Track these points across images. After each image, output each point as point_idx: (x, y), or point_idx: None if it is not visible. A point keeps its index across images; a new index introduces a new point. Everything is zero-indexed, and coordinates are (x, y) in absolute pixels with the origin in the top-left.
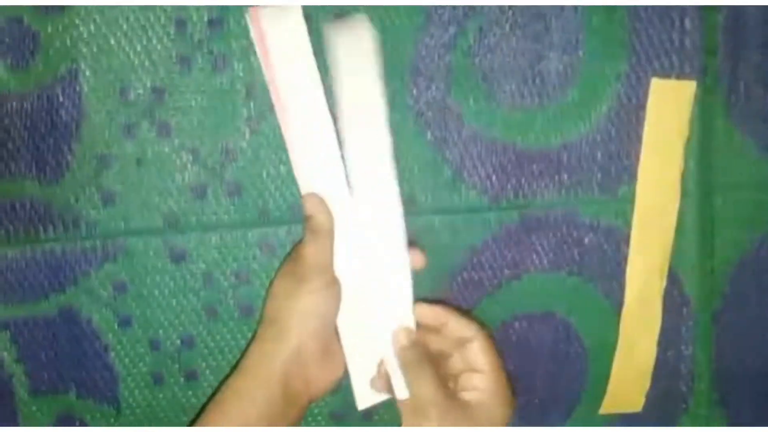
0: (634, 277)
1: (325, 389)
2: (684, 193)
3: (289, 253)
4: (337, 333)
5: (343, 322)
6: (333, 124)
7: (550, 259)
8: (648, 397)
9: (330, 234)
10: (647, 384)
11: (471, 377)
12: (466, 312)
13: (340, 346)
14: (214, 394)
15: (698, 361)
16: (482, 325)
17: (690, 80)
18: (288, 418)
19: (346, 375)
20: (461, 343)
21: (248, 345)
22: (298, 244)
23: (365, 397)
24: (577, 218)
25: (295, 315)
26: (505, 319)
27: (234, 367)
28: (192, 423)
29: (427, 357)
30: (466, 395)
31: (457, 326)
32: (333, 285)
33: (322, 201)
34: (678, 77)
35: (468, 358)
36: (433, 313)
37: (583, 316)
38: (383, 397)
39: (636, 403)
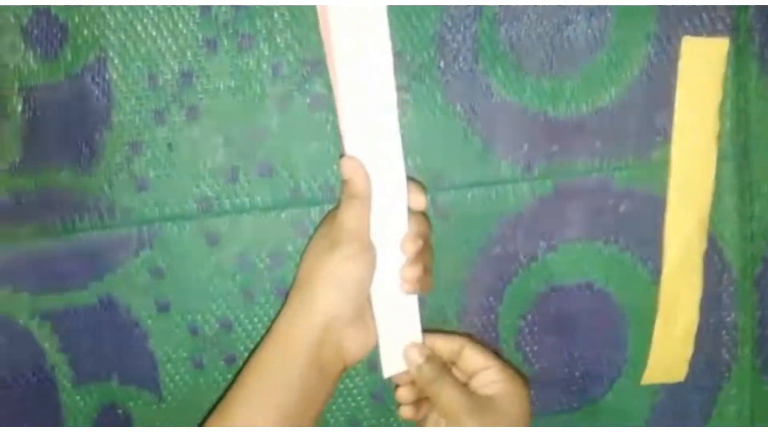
0: (673, 243)
1: (358, 357)
2: (721, 156)
3: (325, 217)
4: (370, 300)
5: (374, 288)
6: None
7: (586, 228)
8: (690, 365)
9: (367, 199)
10: (690, 352)
11: (483, 375)
12: (439, 330)
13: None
14: (245, 363)
15: (741, 328)
16: (460, 333)
17: (722, 38)
18: (321, 386)
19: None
20: (453, 358)
21: (279, 311)
22: (334, 209)
23: (392, 366)
24: (612, 185)
25: (328, 281)
26: (542, 291)
27: (265, 334)
28: (223, 395)
29: (442, 366)
30: (487, 390)
31: (444, 343)
32: (368, 251)
33: (360, 164)
34: (709, 36)
35: (467, 365)
36: (422, 348)
37: (621, 286)
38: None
39: (679, 372)
